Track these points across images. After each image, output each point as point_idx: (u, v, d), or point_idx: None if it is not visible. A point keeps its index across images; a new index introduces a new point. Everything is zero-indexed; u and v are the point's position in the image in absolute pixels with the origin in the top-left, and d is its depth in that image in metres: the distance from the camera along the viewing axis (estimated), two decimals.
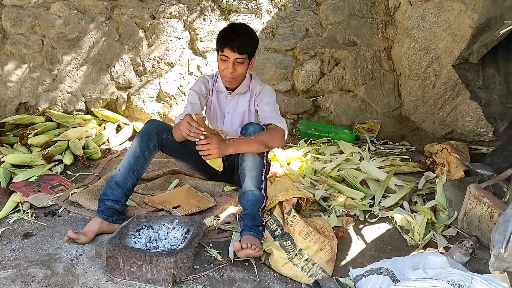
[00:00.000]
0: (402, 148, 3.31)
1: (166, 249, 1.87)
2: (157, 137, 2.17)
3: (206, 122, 2.22)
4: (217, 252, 1.98)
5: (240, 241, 1.89)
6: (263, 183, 2.04)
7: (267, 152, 2.09)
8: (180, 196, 2.40)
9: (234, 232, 2.12)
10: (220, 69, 2.19)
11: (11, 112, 3.39)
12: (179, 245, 1.90)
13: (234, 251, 1.92)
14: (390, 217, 2.33)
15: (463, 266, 1.76)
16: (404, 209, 2.37)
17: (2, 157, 2.71)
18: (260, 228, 1.99)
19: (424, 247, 2.05)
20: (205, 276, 1.83)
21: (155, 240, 1.95)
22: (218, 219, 2.24)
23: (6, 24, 3.31)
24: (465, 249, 1.91)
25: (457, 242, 2.06)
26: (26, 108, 3.45)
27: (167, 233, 1.99)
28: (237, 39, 2.06)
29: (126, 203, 2.19)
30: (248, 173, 2.01)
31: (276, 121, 2.12)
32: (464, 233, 2.16)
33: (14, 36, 3.33)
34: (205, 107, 2.35)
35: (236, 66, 2.13)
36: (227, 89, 2.30)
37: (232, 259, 1.92)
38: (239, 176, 2.07)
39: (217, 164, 1.99)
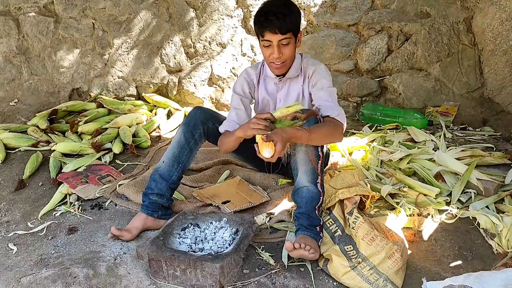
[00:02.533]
0: (484, 135, 3.00)
1: (213, 252, 1.76)
2: (203, 125, 2.07)
3: None
4: (269, 255, 1.85)
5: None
6: (319, 177, 1.87)
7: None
8: (231, 189, 2.29)
9: (288, 232, 1.98)
10: (265, 56, 1.99)
11: (64, 98, 3.45)
12: (226, 247, 1.80)
13: (288, 255, 1.79)
14: (471, 218, 2.09)
15: None
16: (489, 209, 2.12)
17: (53, 145, 2.71)
18: (318, 228, 1.84)
19: None
20: (256, 282, 1.72)
21: (201, 240, 1.85)
22: (271, 217, 2.10)
23: (58, 8, 3.33)
24: None
25: None
26: (79, 94, 3.50)
27: (214, 233, 1.89)
28: (275, 19, 1.86)
29: (172, 197, 2.10)
30: (302, 167, 1.85)
31: (335, 113, 1.93)
32: None
33: (66, 20, 3.35)
34: (252, 105, 2.22)
35: (282, 48, 1.93)
36: (277, 75, 2.11)
37: (286, 264, 1.80)
38: (292, 170, 1.90)
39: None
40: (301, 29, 2.00)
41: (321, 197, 1.86)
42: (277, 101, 2.15)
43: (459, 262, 1.82)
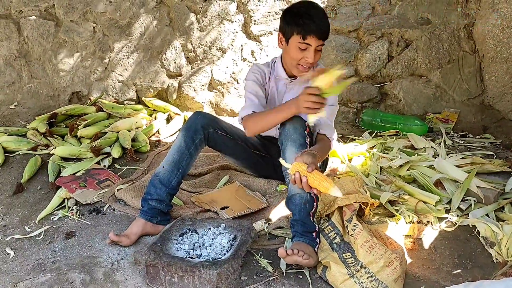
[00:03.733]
0: (484, 142, 2.99)
1: (211, 258, 1.75)
2: (203, 130, 2.05)
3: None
4: (268, 262, 1.84)
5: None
6: None
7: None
8: (229, 195, 2.27)
9: (287, 238, 1.97)
10: (295, 57, 1.96)
11: (64, 102, 3.43)
12: (224, 253, 1.78)
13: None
14: (471, 226, 2.08)
15: None
16: (489, 217, 2.11)
17: (52, 149, 2.70)
18: (313, 234, 1.81)
19: None
20: None
21: (199, 246, 1.84)
22: (270, 223, 2.09)
23: (59, 12, 3.32)
24: None
25: None
26: (79, 98, 3.48)
27: (213, 239, 1.87)
28: (322, 24, 1.88)
29: (171, 202, 2.08)
30: None
31: (330, 133, 2.01)
32: None
33: (66, 24, 3.34)
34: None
35: (316, 53, 1.94)
36: (289, 76, 2.10)
37: (284, 271, 1.79)
38: (284, 177, 1.90)
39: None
40: None
41: (315, 203, 1.83)
42: (283, 102, 2.11)
43: (459, 270, 1.81)
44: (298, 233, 1.80)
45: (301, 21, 1.88)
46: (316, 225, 1.85)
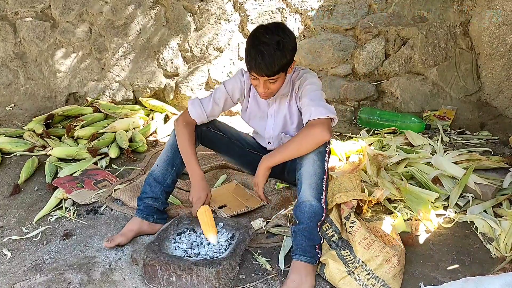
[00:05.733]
0: (481, 139, 2.99)
1: (209, 257, 1.74)
2: (196, 128, 2.02)
3: None
4: (266, 260, 1.84)
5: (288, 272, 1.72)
6: (324, 193, 1.76)
7: (328, 157, 1.82)
8: (227, 194, 2.27)
9: (285, 236, 1.95)
10: (252, 84, 1.90)
11: (61, 103, 3.43)
12: (222, 252, 1.77)
13: (284, 259, 1.79)
14: (469, 222, 2.08)
15: None
16: (487, 213, 2.11)
17: (49, 150, 2.69)
18: (317, 247, 1.74)
19: None
20: None
21: (197, 245, 1.83)
22: (268, 221, 2.08)
23: (55, 13, 3.32)
24: None
25: None
26: (76, 99, 3.48)
27: None
28: (263, 63, 1.72)
29: (168, 201, 2.08)
30: (306, 180, 1.74)
31: (315, 114, 1.76)
32: None
33: (62, 24, 3.34)
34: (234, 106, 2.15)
35: (269, 84, 1.81)
36: None
37: (282, 269, 1.78)
38: (295, 180, 1.82)
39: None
40: (294, 60, 1.86)
41: (324, 214, 1.75)
42: (268, 116, 2.08)
43: (457, 266, 1.80)
44: (301, 248, 1.71)
45: (247, 55, 1.78)
46: (322, 237, 1.78)
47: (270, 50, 1.71)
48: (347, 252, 1.74)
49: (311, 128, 1.76)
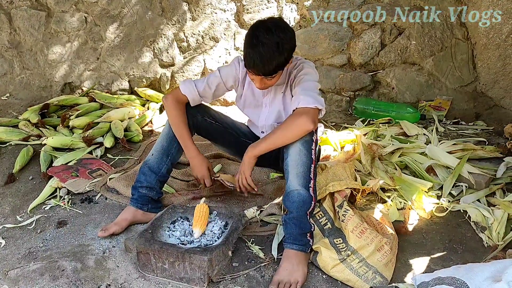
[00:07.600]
0: (476, 129, 3.01)
1: (202, 245, 1.74)
2: (192, 118, 2.02)
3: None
4: (259, 248, 1.85)
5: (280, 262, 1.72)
6: (312, 181, 1.75)
7: (315, 145, 1.82)
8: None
9: (279, 225, 1.96)
10: (249, 77, 1.90)
11: (56, 93, 3.41)
12: (215, 240, 1.77)
13: (277, 247, 1.79)
14: (462, 211, 2.09)
15: None
16: (480, 202, 2.12)
17: (44, 139, 2.69)
18: (308, 235, 1.74)
19: (504, 249, 1.80)
20: (245, 276, 1.70)
21: (190, 233, 1.82)
22: (261, 210, 2.08)
23: (50, 2, 3.29)
24: None
25: None
26: (71, 89, 3.46)
27: None
28: (261, 65, 1.71)
29: (162, 190, 2.08)
30: (293, 170, 1.73)
31: (302, 102, 1.76)
32: None
33: (58, 14, 3.31)
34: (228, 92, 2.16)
35: (267, 80, 1.81)
36: None
37: (275, 257, 1.79)
38: (284, 172, 1.83)
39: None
40: (292, 56, 1.84)
41: (313, 202, 1.74)
42: (263, 105, 2.07)
43: (450, 255, 1.81)
44: (292, 236, 1.73)
45: (245, 55, 1.77)
46: (312, 225, 1.78)
47: (269, 52, 1.69)
48: (339, 240, 1.75)
49: (296, 118, 1.75)
